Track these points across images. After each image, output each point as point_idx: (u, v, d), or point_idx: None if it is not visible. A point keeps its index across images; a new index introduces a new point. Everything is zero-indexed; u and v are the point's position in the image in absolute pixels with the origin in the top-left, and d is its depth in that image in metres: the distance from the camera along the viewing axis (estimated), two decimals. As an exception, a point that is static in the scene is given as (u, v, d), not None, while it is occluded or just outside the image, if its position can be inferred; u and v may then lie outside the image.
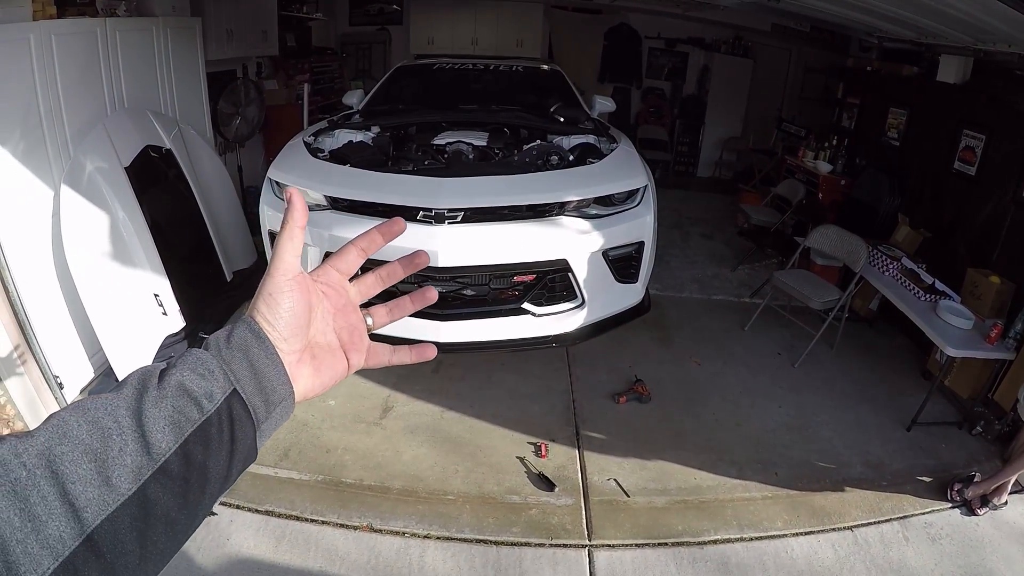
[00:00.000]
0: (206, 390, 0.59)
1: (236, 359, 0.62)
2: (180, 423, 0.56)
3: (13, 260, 3.37)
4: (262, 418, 0.63)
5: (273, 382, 0.64)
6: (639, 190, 3.77)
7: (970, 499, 3.37)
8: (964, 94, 5.09)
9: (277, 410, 0.65)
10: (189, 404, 0.57)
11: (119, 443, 0.52)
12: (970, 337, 3.88)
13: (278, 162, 3.92)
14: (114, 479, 0.51)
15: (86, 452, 0.51)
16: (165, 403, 0.56)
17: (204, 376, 0.59)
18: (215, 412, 0.58)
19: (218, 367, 0.60)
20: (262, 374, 0.63)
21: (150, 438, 0.54)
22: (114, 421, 0.53)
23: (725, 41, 9.67)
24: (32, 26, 3.52)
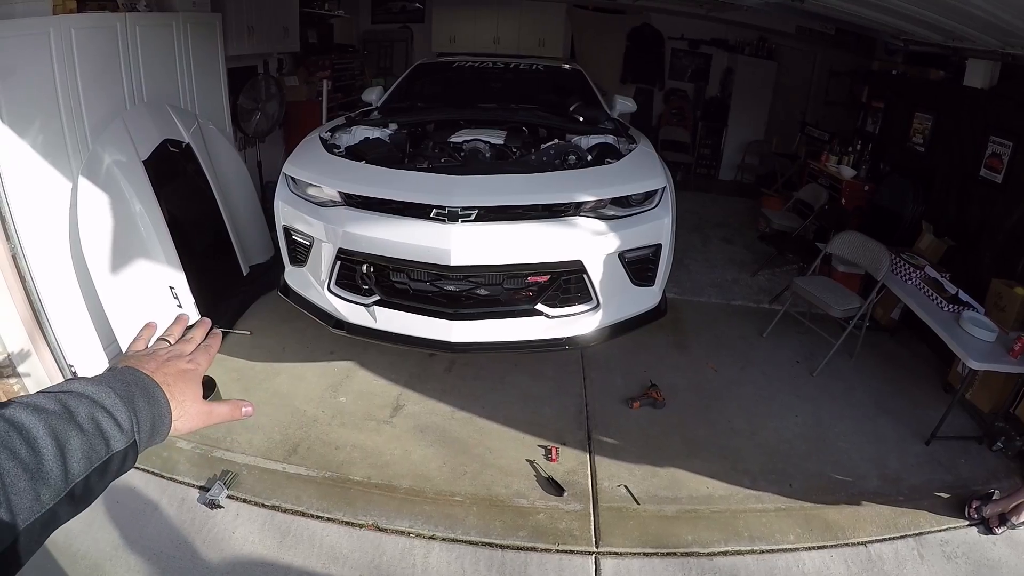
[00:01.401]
0: (115, 435, 0.74)
1: (143, 414, 0.79)
2: (91, 457, 0.70)
3: (30, 250, 3.40)
4: (141, 451, 0.79)
5: (162, 435, 0.83)
6: (657, 191, 3.72)
7: (988, 517, 3.29)
8: (991, 99, 4.99)
9: (152, 443, 0.83)
10: (100, 443, 0.72)
11: (48, 466, 0.65)
12: (993, 350, 3.78)
13: (294, 157, 3.92)
14: (42, 495, 0.64)
15: (26, 470, 0.63)
16: (84, 438, 0.70)
17: (117, 423, 0.75)
18: (116, 453, 0.74)
19: (128, 420, 0.76)
20: (157, 430, 0.81)
21: (68, 466, 0.67)
22: (45, 446, 0.66)
23: (749, 43, 9.59)
24: (52, 20, 3.54)
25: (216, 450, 3.51)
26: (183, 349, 0.97)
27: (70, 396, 0.73)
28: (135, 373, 0.84)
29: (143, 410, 0.79)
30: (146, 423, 0.79)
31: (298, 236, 3.75)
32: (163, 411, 0.82)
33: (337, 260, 3.59)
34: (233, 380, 4.06)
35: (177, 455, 3.45)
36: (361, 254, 3.50)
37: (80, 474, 0.68)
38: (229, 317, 4.68)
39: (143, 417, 0.78)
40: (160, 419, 0.81)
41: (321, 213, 3.59)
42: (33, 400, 0.70)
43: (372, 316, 3.59)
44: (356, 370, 4.26)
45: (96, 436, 0.71)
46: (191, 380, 0.91)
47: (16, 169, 3.33)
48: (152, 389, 0.82)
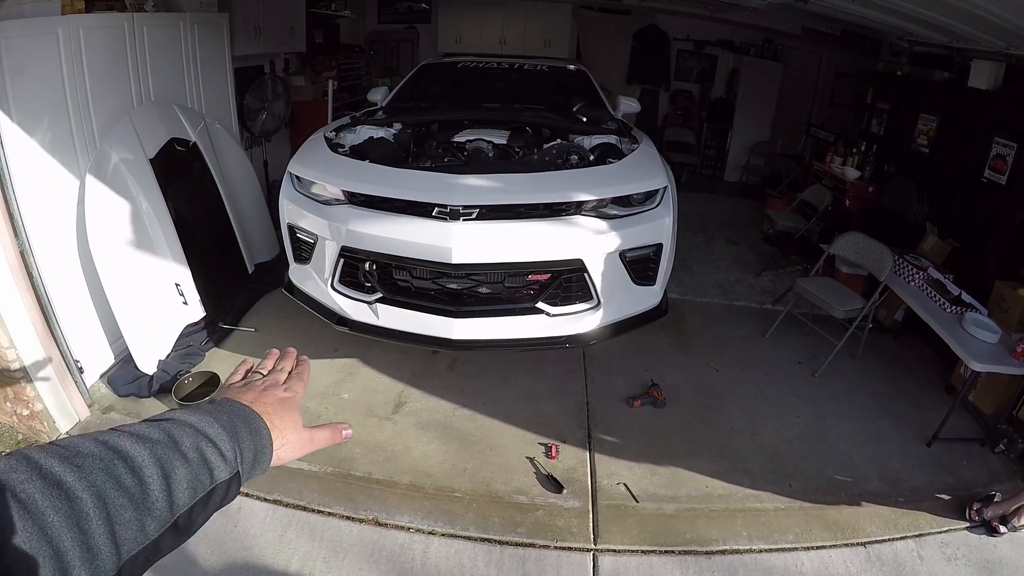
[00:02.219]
0: (220, 466, 0.74)
1: (245, 444, 0.79)
2: (196, 488, 0.71)
3: (38, 247, 3.43)
4: (244, 482, 0.80)
5: (264, 465, 0.83)
6: (658, 191, 3.74)
7: (989, 519, 3.29)
8: (996, 100, 4.98)
9: (255, 475, 0.82)
10: (205, 473, 0.72)
11: (154, 496, 0.65)
12: (996, 352, 3.78)
13: (298, 156, 3.95)
14: (147, 526, 0.64)
15: (131, 500, 0.63)
16: (189, 468, 0.70)
17: (221, 453, 0.75)
18: (220, 483, 0.74)
19: (231, 450, 0.77)
20: (259, 460, 0.81)
21: (174, 496, 0.67)
22: (151, 476, 0.66)
23: (755, 44, 9.58)
24: (61, 20, 3.58)
25: (220, 444, 3.53)
26: (277, 379, 0.97)
27: (174, 425, 0.73)
28: (235, 404, 0.84)
29: (246, 440, 0.79)
30: (249, 453, 0.79)
31: (302, 234, 3.78)
32: (265, 441, 0.83)
33: (340, 258, 3.62)
34: (238, 376, 4.08)
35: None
36: (364, 252, 3.53)
37: (184, 505, 0.69)
38: (234, 314, 4.72)
39: (246, 447, 0.79)
40: (262, 449, 0.82)
41: (325, 211, 3.61)
42: (137, 429, 0.71)
43: (375, 313, 3.62)
44: (359, 367, 4.29)
45: (201, 466, 0.72)
46: (290, 408, 0.91)
47: (25, 166, 3.36)
48: (253, 419, 0.83)
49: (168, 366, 4.01)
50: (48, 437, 3.51)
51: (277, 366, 1.01)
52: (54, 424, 3.53)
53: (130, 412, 3.77)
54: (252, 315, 4.85)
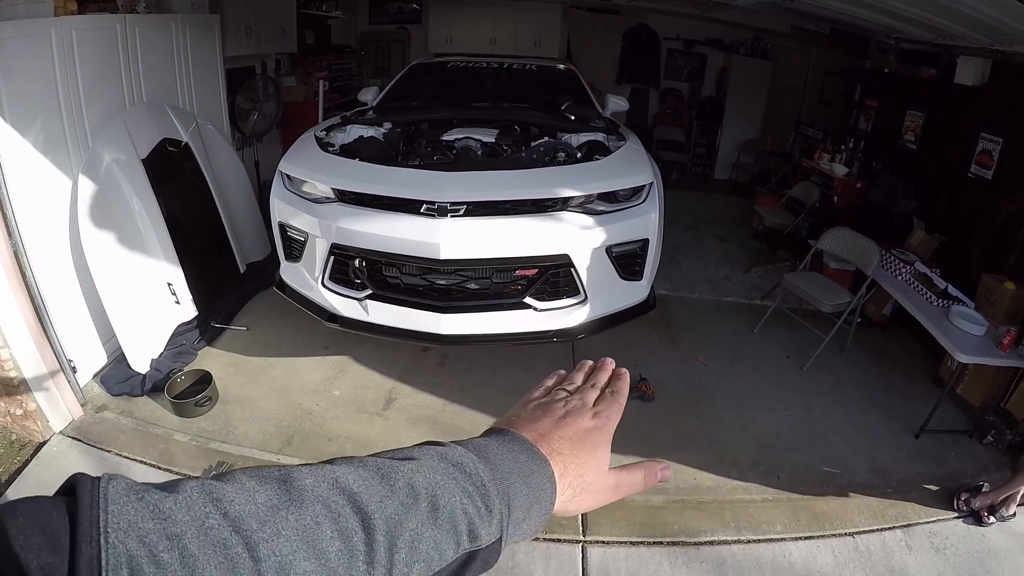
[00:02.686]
0: (473, 530, 0.55)
1: (517, 502, 0.59)
2: (432, 560, 0.52)
3: (31, 246, 3.44)
4: (506, 546, 0.59)
5: (533, 526, 0.61)
6: (644, 187, 3.77)
7: (977, 509, 3.33)
8: (982, 96, 5.03)
9: (516, 539, 0.61)
10: (450, 540, 0.53)
11: (363, 571, 0.47)
12: (983, 344, 3.83)
13: (289, 155, 3.98)
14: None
15: (352, 559, 0.47)
16: (428, 532, 0.52)
17: (479, 513, 0.55)
18: (468, 553, 0.55)
19: (499, 509, 0.57)
20: (530, 517, 0.60)
21: (396, 572, 0.49)
22: (366, 542, 0.48)
23: (744, 43, 9.63)
24: (53, 21, 3.59)
25: (212, 442, 3.56)
26: (586, 399, 0.76)
27: (420, 468, 0.55)
28: (518, 440, 0.65)
29: (518, 496, 0.59)
30: (519, 512, 0.59)
31: (293, 232, 3.81)
32: (545, 495, 0.62)
33: (330, 255, 3.64)
34: (230, 374, 4.12)
35: (174, 447, 3.51)
36: (354, 249, 3.55)
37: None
38: (226, 313, 4.74)
39: (517, 505, 0.58)
40: (539, 504, 0.61)
41: (315, 209, 3.64)
42: (365, 470, 0.54)
43: (365, 310, 3.65)
44: (350, 364, 4.31)
45: (447, 533, 0.53)
46: (594, 446, 0.69)
47: (18, 167, 3.37)
48: (536, 466, 0.62)
49: (161, 365, 4.03)
50: (41, 437, 3.52)
51: (589, 381, 0.81)
52: (47, 424, 3.54)
53: (123, 411, 3.78)
54: (244, 314, 4.87)
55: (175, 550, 0.40)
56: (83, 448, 3.50)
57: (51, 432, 3.56)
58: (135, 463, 3.39)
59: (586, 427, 0.69)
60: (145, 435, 3.61)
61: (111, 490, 0.41)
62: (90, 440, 3.54)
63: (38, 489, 2.63)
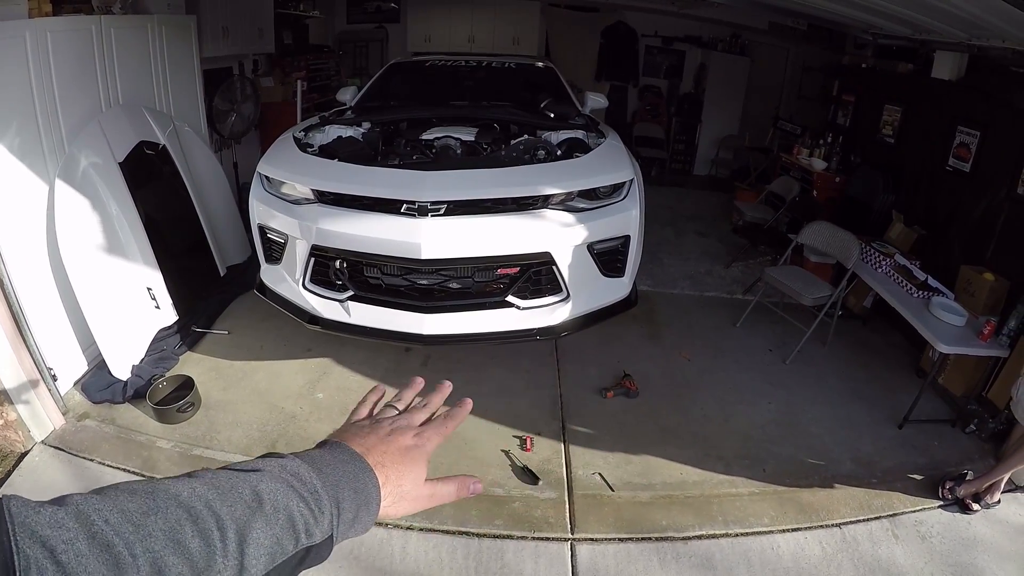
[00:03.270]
0: (308, 529, 0.63)
1: (346, 505, 0.68)
2: (275, 554, 0.60)
3: (8, 253, 3.40)
4: (337, 543, 0.69)
5: (362, 527, 0.71)
6: (625, 184, 3.77)
7: (962, 497, 3.35)
8: (959, 91, 5.08)
9: (348, 536, 0.71)
10: (289, 537, 0.62)
11: (219, 566, 0.56)
12: (963, 334, 3.86)
13: (268, 157, 3.94)
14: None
15: (192, 568, 0.54)
16: (270, 530, 0.60)
17: (314, 517, 0.64)
18: (306, 548, 0.63)
19: (327, 513, 0.66)
20: (359, 520, 0.70)
21: (247, 563, 0.58)
22: (221, 539, 0.57)
23: (722, 39, 9.68)
24: (28, 23, 3.54)
25: (196, 448, 3.52)
26: (412, 420, 0.85)
27: (264, 477, 0.64)
28: (346, 452, 0.74)
29: (347, 500, 0.68)
30: (348, 514, 0.68)
31: (273, 234, 3.78)
32: (371, 500, 0.71)
33: (311, 257, 3.62)
34: (212, 379, 4.07)
35: (157, 454, 3.46)
36: (334, 250, 3.53)
37: (259, 573, 0.59)
38: (207, 317, 4.70)
39: (346, 508, 0.68)
40: (366, 507, 0.70)
41: (295, 211, 3.61)
42: (219, 480, 0.62)
43: (346, 311, 3.62)
44: (333, 366, 4.28)
45: (286, 530, 0.61)
46: (416, 460, 0.79)
47: (-8, 172, 3.33)
48: (363, 475, 0.72)
49: (142, 371, 3.98)
50: (23, 447, 3.47)
51: (423, 401, 0.90)
52: (28, 433, 3.48)
53: (105, 419, 3.73)
54: (225, 318, 4.82)
55: (71, 551, 0.48)
56: (65, 457, 3.44)
57: (32, 442, 3.50)
58: (118, 471, 3.34)
59: (407, 444, 0.79)
60: (128, 443, 3.56)
61: (13, 506, 0.49)
62: (72, 449, 3.49)
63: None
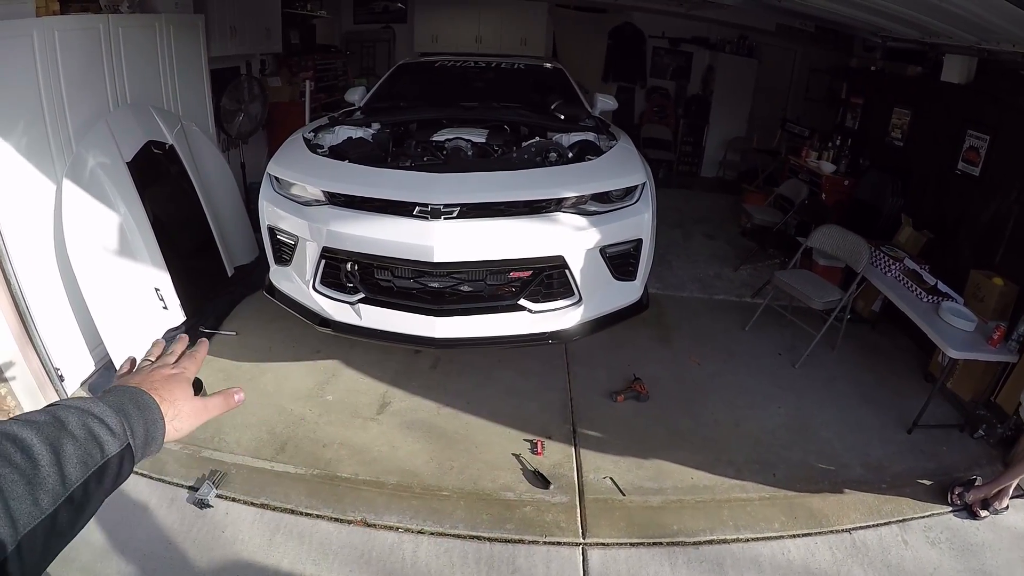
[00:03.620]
0: (108, 440, 0.77)
1: (134, 420, 0.82)
2: (87, 463, 0.73)
3: (15, 253, 3.39)
4: (139, 458, 0.82)
5: (159, 438, 0.86)
6: (637, 187, 3.76)
7: (971, 503, 3.33)
8: (968, 94, 5.06)
9: (151, 450, 0.85)
10: (95, 448, 0.75)
11: (45, 472, 0.68)
12: (972, 339, 3.85)
13: (277, 157, 3.93)
14: (40, 500, 0.66)
15: (22, 476, 0.65)
16: (77, 445, 0.73)
17: (109, 428, 0.78)
18: (112, 457, 0.77)
19: (119, 424, 0.79)
20: (152, 435, 0.84)
21: (65, 471, 0.70)
22: (40, 453, 0.68)
23: (730, 41, 9.67)
24: (35, 22, 3.54)
25: (204, 450, 3.51)
26: (166, 361, 1.00)
27: (59, 408, 0.76)
28: (121, 387, 0.88)
29: (134, 415, 0.82)
30: (139, 428, 0.82)
31: (283, 235, 3.76)
32: (155, 415, 0.86)
33: (322, 259, 3.60)
34: (220, 380, 4.05)
35: (166, 456, 3.44)
36: (345, 252, 3.51)
37: (78, 479, 0.71)
38: (215, 318, 4.68)
39: (135, 422, 0.81)
40: (153, 423, 0.85)
41: (305, 212, 3.60)
42: (24, 415, 0.73)
43: (357, 314, 3.61)
44: (342, 368, 4.27)
45: (90, 441, 0.74)
46: (179, 381, 0.94)
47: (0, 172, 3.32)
48: (140, 396, 0.86)
49: (149, 371, 3.96)
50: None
51: (167, 350, 1.05)
52: (34, 433, 3.48)
53: (111, 418, 3.72)
54: (233, 318, 4.81)
55: None
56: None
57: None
58: (126, 472, 3.33)
59: (169, 373, 0.95)
60: (135, 444, 3.54)
61: None
62: (78, 449, 3.47)
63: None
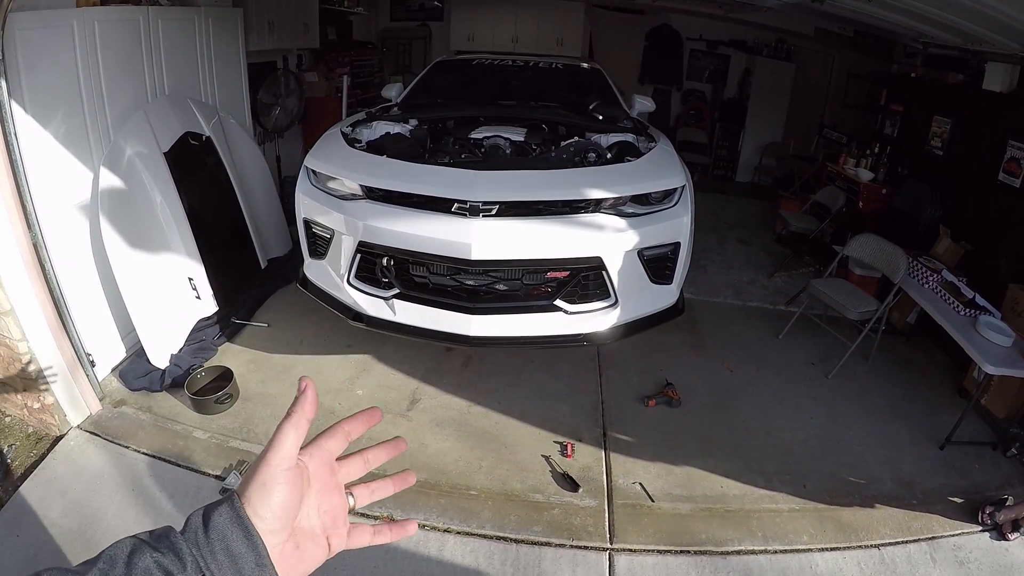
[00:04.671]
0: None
1: (215, 551, 0.59)
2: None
3: (51, 239, 3.43)
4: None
5: (251, 567, 0.60)
6: (676, 190, 3.72)
7: (1001, 523, 3.27)
8: (1010, 103, 4.97)
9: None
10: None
11: None
12: (1009, 355, 3.77)
13: (315, 151, 3.94)
14: None
15: None
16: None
17: (173, 563, 0.57)
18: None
19: (191, 561, 0.57)
20: (239, 560, 0.60)
21: None
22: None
23: (767, 44, 9.56)
24: (75, 12, 3.59)
25: (232, 440, 3.53)
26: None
27: (119, 544, 0.58)
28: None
29: (216, 551, 0.59)
30: (222, 566, 0.59)
31: (318, 229, 3.77)
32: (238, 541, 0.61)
33: (357, 253, 3.60)
34: (251, 371, 4.09)
35: (193, 444, 3.48)
36: (381, 247, 3.51)
37: None
38: (247, 309, 4.72)
39: (215, 560, 0.59)
40: (243, 557, 0.60)
41: (342, 206, 3.60)
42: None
43: (391, 309, 3.61)
44: (373, 364, 4.28)
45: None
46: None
47: (38, 159, 3.35)
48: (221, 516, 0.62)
49: (180, 360, 4.01)
50: (59, 431, 3.51)
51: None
52: (64, 418, 3.53)
53: (141, 406, 3.76)
54: (265, 310, 4.84)
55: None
56: (100, 443, 3.47)
57: (68, 426, 3.54)
58: (153, 459, 3.36)
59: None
60: (164, 431, 3.58)
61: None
62: (108, 435, 3.52)
63: (54, 482, 2.59)
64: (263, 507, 0.62)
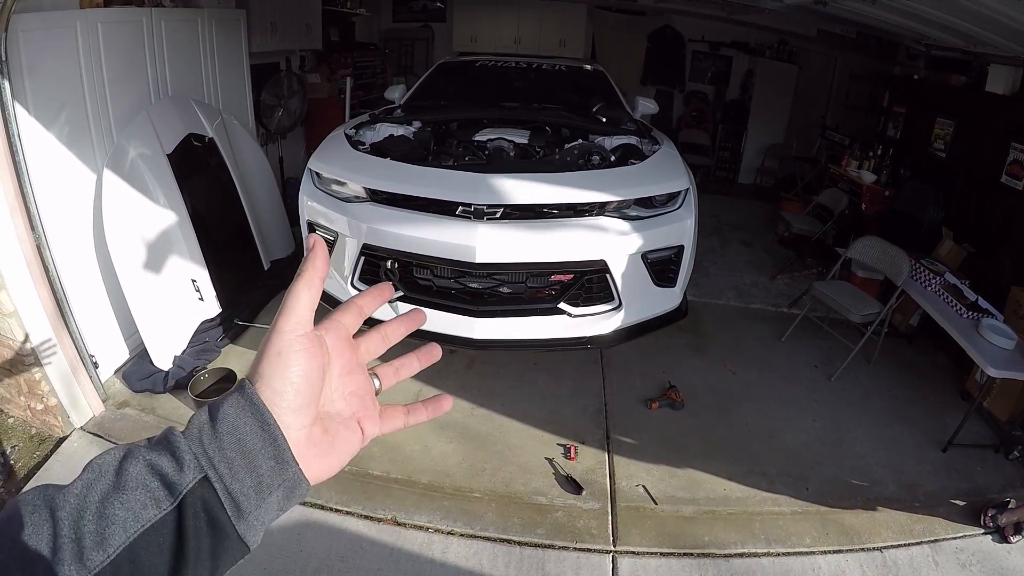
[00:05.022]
0: (168, 481, 0.50)
1: (224, 446, 0.52)
2: (127, 523, 0.48)
3: (54, 240, 3.43)
4: (250, 506, 0.52)
5: (270, 462, 0.53)
6: (680, 193, 3.73)
7: (1003, 526, 3.27)
8: (1013, 105, 4.97)
9: (276, 494, 0.54)
10: (143, 500, 0.49)
11: (54, 549, 0.46)
12: (1012, 358, 3.76)
13: (319, 153, 3.94)
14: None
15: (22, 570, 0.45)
16: (116, 498, 0.48)
17: (170, 464, 0.51)
18: (175, 508, 0.49)
19: (190, 460, 0.51)
20: (254, 454, 0.53)
21: (84, 544, 0.47)
22: (52, 525, 0.47)
23: (770, 46, 9.58)
24: (79, 14, 3.59)
25: (236, 443, 3.53)
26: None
27: (108, 453, 0.52)
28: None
29: (223, 440, 0.53)
30: (234, 454, 0.53)
31: (322, 231, 3.77)
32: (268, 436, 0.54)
33: (361, 255, 3.60)
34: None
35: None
36: (385, 250, 3.51)
37: (108, 556, 0.47)
38: (250, 311, 4.71)
39: (226, 450, 0.52)
40: (252, 440, 0.53)
41: (346, 209, 3.60)
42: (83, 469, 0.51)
43: (395, 311, 3.60)
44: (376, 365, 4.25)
45: (138, 492, 0.49)
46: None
47: (42, 160, 3.36)
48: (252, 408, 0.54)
49: (184, 362, 4.01)
50: (62, 432, 3.52)
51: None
52: (68, 419, 3.53)
53: (145, 408, 3.76)
54: (268, 312, 4.82)
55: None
56: (103, 444, 3.47)
57: (71, 428, 3.55)
58: (157, 460, 3.36)
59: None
60: (167, 433, 3.58)
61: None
62: (111, 436, 3.53)
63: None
64: (280, 380, 0.55)
